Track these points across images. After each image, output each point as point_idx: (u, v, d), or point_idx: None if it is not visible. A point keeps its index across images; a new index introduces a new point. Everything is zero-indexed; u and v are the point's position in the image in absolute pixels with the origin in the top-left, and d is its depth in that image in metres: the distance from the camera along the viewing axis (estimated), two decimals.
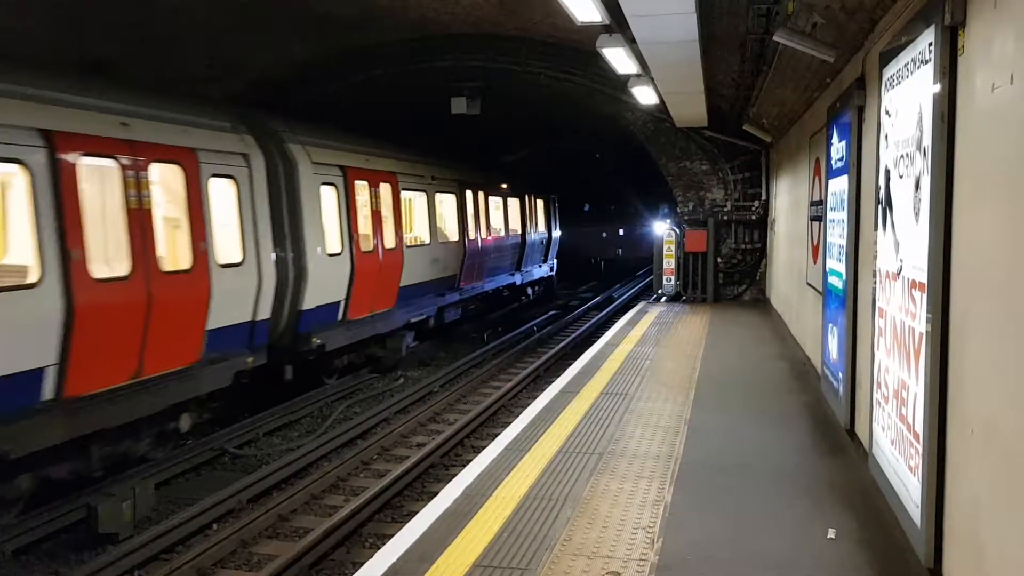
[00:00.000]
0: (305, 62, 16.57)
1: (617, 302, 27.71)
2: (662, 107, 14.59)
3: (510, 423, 8.53)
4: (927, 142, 4.32)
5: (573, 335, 20.76)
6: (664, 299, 18.95)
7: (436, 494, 6.33)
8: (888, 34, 5.73)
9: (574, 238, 36.63)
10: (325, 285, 13.25)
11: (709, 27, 9.07)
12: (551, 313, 24.97)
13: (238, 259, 11.17)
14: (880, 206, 5.63)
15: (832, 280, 8.33)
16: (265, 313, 11.78)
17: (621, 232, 44.77)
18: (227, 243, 11.03)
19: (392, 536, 5.49)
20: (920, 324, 4.41)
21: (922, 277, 4.38)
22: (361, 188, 14.91)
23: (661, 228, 20.08)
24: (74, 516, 8.80)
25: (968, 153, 3.88)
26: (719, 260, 18.67)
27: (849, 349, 7.14)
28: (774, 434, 7.77)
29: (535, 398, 9.58)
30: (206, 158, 10.63)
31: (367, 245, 14.81)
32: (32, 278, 8.12)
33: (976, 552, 3.63)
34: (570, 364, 11.67)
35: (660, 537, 5.33)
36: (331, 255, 13.48)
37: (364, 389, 15.33)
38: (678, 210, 19.05)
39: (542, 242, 28.31)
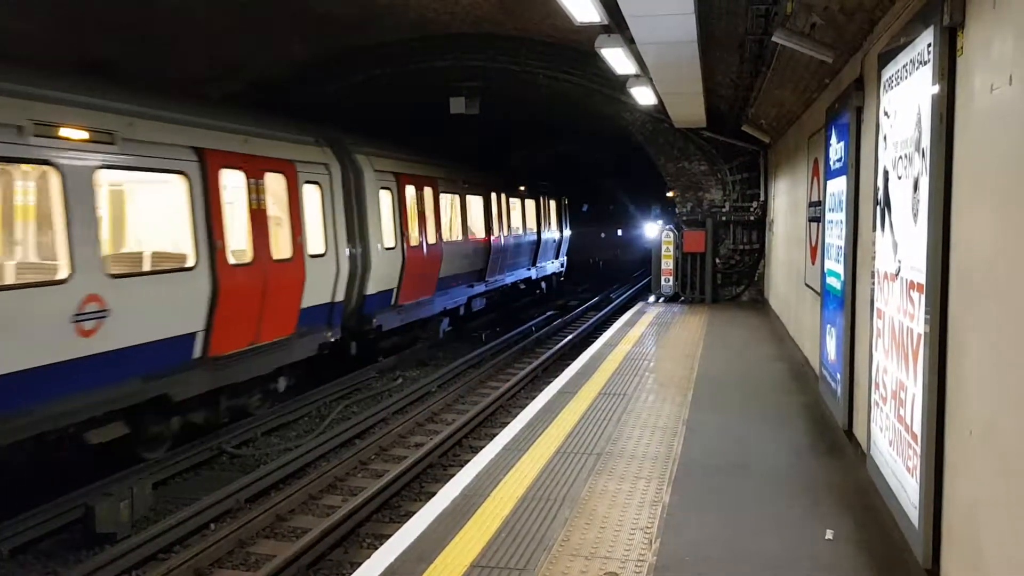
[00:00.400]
0: (305, 62, 16.56)
1: (616, 302, 27.78)
2: (661, 108, 14.59)
3: (508, 423, 8.53)
4: (926, 143, 4.32)
5: (571, 336, 20.76)
6: (662, 300, 18.96)
7: (434, 494, 6.32)
8: (887, 35, 5.73)
9: (573, 239, 36.77)
10: (383, 274, 15.47)
11: (708, 27, 9.07)
12: (549, 313, 24.97)
13: (322, 251, 13.46)
14: (878, 207, 5.63)
15: (830, 281, 8.33)
16: (341, 296, 14.07)
17: (619, 233, 44.82)
18: (314, 238, 13.26)
19: (390, 536, 5.49)
20: (918, 325, 4.41)
21: (920, 278, 4.38)
22: (410, 191, 17.15)
23: (653, 230, 20.20)
24: (71, 516, 8.79)
25: (967, 154, 3.88)
26: (717, 261, 18.67)
27: (847, 350, 7.14)
28: (772, 435, 7.77)
29: (533, 398, 9.58)
30: (301, 168, 12.96)
31: (414, 241, 17.10)
32: (190, 263, 10.45)
33: (974, 553, 3.63)
34: (568, 364, 11.67)
35: (658, 538, 5.33)
36: (387, 249, 15.67)
37: (362, 389, 15.32)
38: (676, 210, 19.06)
39: (555, 240, 30.71)
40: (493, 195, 23.22)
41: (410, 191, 17.18)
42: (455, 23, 15.45)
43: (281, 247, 12.43)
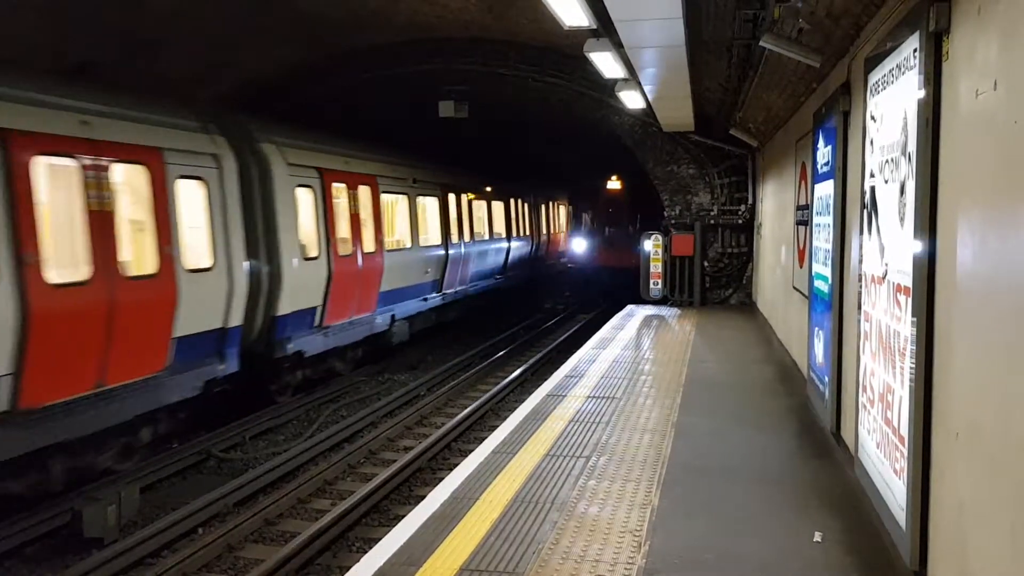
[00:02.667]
0: (294, 64, 16.54)
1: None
2: (649, 111, 14.63)
3: (497, 427, 8.53)
4: (912, 147, 4.35)
5: (559, 339, 20.78)
6: (651, 303, 18.99)
7: (423, 498, 6.31)
8: (873, 40, 5.76)
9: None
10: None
11: (696, 32, 9.10)
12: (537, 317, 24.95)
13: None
14: (865, 211, 5.67)
15: (818, 284, 8.37)
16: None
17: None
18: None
19: (379, 540, 5.48)
20: (905, 328, 4.44)
21: (907, 281, 4.41)
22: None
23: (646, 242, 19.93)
24: (59, 520, 8.74)
25: (952, 158, 3.91)
26: (706, 264, 18.72)
27: (835, 353, 7.17)
28: (760, 437, 7.80)
29: (522, 402, 9.58)
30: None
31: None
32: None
33: (960, 555, 3.66)
34: (557, 368, 11.68)
35: (647, 540, 5.34)
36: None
37: (351, 392, 15.30)
38: (664, 214, 19.11)
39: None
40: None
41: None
42: (444, 27, 15.46)
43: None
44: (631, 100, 13.32)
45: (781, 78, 9.57)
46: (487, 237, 24.33)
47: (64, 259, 9.00)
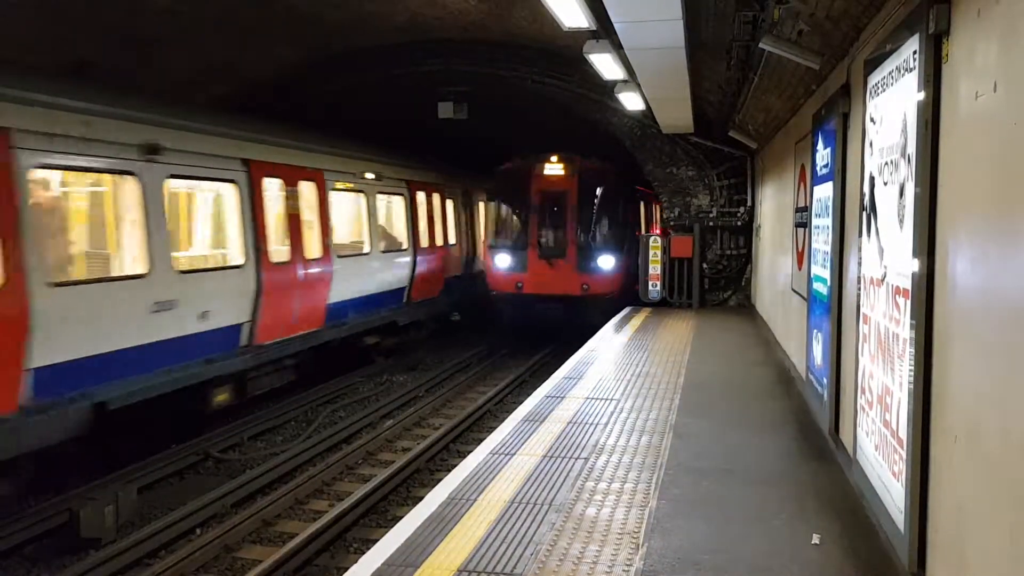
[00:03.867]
0: (294, 65, 16.53)
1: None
2: (649, 113, 14.63)
3: (496, 428, 8.52)
4: (911, 149, 4.35)
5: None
6: (649, 305, 18.99)
7: (421, 499, 6.31)
8: (873, 42, 5.76)
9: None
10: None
11: (696, 34, 9.11)
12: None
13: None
14: (864, 213, 5.66)
15: (817, 286, 8.37)
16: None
17: None
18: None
19: (377, 541, 5.47)
20: (904, 330, 4.43)
21: (906, 283, 4.41)
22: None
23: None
24: (56, 520, 8.72)
25: (952, 160, 3.90)
26: (705, 266, 18.72)
27: (833, 355, 7.17)
28: (759, 439, 7.79)
29: (521, 403, 9.57)
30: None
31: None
32: (365, 249, 15.99)
33: (959, 557, 3.65)
34: (555, 369, 11.67)
35: (645, 542, 5.33)
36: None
37: (349, 393, 15.28)
38: (663, 215, 19.12)
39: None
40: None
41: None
42: (443, 28, 15.46)
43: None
44: (630, 102, 13.33)
45: (780, 80, 9.57)
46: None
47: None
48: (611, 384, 10.19)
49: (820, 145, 8.23)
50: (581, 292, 19.06)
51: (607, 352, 12.60)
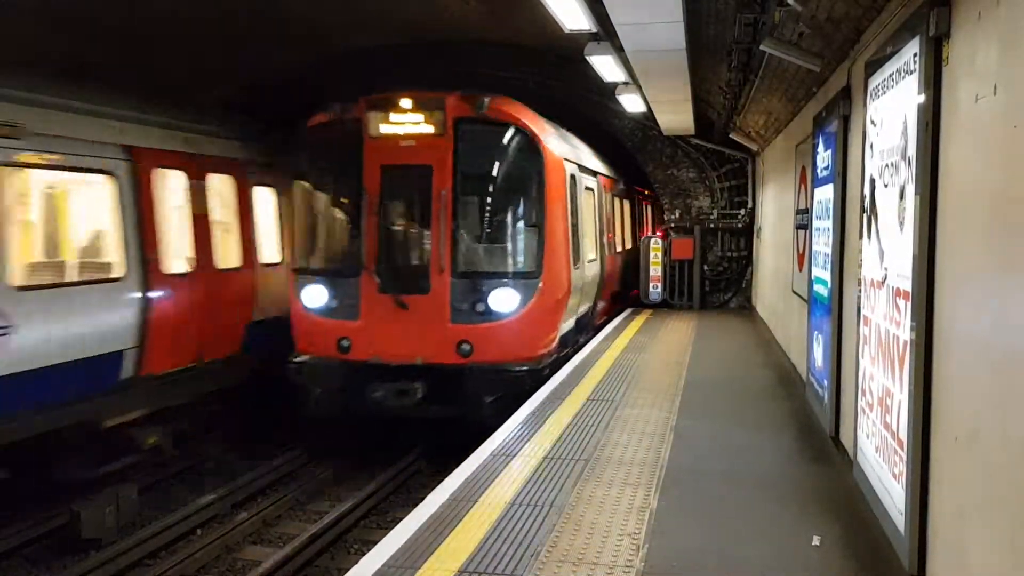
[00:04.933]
0: (293, 67, 16.54)
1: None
2: (650, 115, 14.64)
3: (497, 429, 8.52)
4: (912, 151, 4.35)
5: None
6: (650, 306, 18.99)
7: (422, 500, 6.31)
8: (874, 44, 5.77)
9: None
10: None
11: (696, 36, 9.11)
12: None
13: None
14: (865, 215, 5.67)
15: (817, 288, 8.37)
16: None
17: None
18: None
19: (377, 542, 5.47)
20: (905, 332, 4.44)
21: (907, 285, 4.41)
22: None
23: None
24: (57, 521, 8.73)
25: (952, 162, 3.91)
26: (705, 268, 18.73)
27: (834, 356, 7.17)
28: (759, 441, 7.79)
29: (521, 405, 9.56)
30: None
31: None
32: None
33: (959, 560, 3.65)
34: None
35: (645, 544, 5.33)
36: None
37: None
38: (664, 217, 19.12)
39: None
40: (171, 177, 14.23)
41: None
42: (445, 30, 15.47)
43: None
44: (631, 104, 13.34)
45: (781, 82, 9.58)
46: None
47: None
48: (611, 385, 10.18)
49: (821, 147, 8.23)
50: (459, 358, 10.58)
51: (607, 353, 12.60)
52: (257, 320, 12.18)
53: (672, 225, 18.84)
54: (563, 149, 12.14)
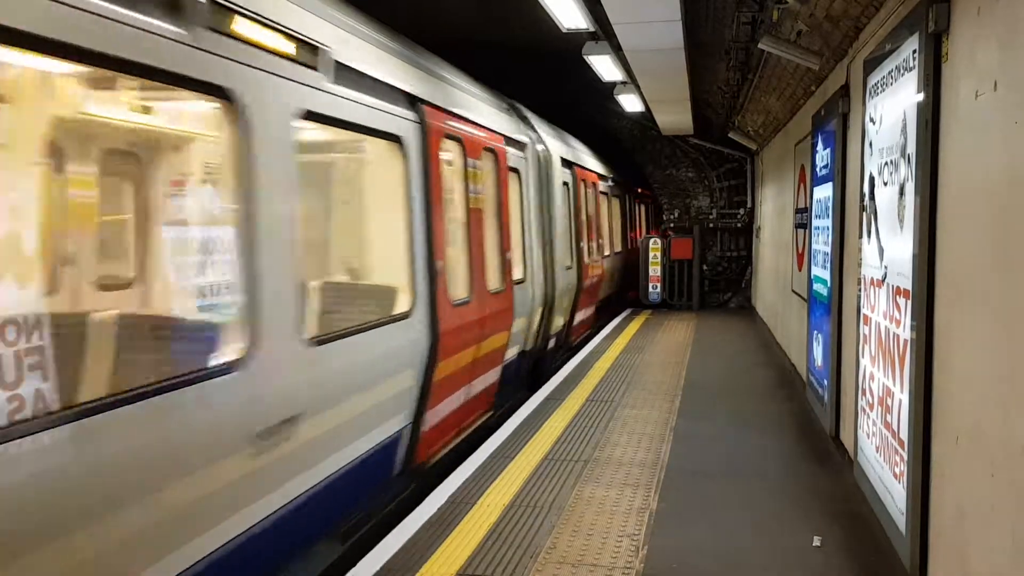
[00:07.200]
0: None
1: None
2: (648, 115, 14.62)
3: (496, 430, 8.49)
4: (911, 149, 4.33)
5: None
6: (650, 307, 18.98)
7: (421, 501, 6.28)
8: (872, 42, 5.75)
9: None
10: None
11: (695, 35, 9.09)
12: None
13: None
14: (864, 213, 5.64)
15: (817, 287, 8.35)
16: None
17: None
18: None
19: (375, 545, 5.44)
20: (905, 331, 4.41)
21: (906, 284, 4.39)
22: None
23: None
24: None
25: (952, 160, 3.88)
26: (705, 267, 18.71)
27: (834, 356, 7.15)
28: (759, 441, 7.77)
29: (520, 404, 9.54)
30: None
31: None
32: None
33: (960, 559, 3.63)
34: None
35: (645, 545, 5.30)
36: None
37: None
38: (664, 217, 19.12)
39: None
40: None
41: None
42: (440, 30, 15.44)
43: None
44: (630, 103, 13.32)
45: (780, 81, 9.56)
46: None
47: None
48: (611, 385, 10.16)
49: (820, 146, 8.21)
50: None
51: (607, 353, 12.58)
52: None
53: (671, 225, 18.83)
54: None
